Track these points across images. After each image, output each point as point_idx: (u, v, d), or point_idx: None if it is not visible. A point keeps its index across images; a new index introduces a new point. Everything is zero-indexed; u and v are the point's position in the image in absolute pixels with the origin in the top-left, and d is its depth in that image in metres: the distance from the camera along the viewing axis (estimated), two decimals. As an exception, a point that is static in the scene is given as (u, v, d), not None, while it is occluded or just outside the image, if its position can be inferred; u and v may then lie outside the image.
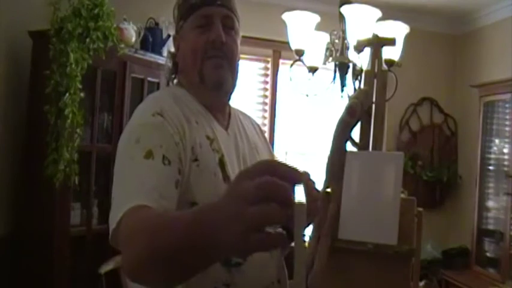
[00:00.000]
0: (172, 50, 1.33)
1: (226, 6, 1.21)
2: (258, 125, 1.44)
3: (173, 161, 1.05)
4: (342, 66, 2.79)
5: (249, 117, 1.42)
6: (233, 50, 1.21)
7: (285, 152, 4.30)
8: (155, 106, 1.13)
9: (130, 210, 0.93)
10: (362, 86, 2.52)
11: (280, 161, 1.12)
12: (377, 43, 1.33)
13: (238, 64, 1.26)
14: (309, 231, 1.44)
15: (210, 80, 1.19)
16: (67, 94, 2.60)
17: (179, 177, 1.06)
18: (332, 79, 2.87)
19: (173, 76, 1.32)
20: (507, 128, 3.92)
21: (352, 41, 2.58)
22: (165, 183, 1.01)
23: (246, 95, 4.19)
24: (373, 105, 1.32)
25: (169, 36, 3.70)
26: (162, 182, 1.01)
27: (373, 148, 1.38)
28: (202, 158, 1.12)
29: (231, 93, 1.29)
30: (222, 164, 1.15)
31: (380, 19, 2.52)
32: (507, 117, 3.92)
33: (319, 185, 1.44)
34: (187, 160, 1.09)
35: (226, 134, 1.24)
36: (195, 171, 1.10)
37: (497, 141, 4.03)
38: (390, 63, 2.42)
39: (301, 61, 2.81)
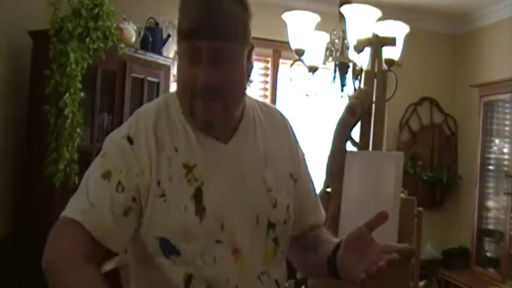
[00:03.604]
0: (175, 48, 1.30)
1: (218, 37, 1.02)
2: (285, 123, 1.27)
3: (128, 188, 1.03)
4: (342, 66, 2.79)
5: (273, 114, 1.26)
6: (227, 86, 1.05)
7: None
8: (132, 126, 1.09)
9: (67, 219, 1.06)
10: (362, 85, 2.53)
11: None
12: (377, 43, 1.33)
13: (242, 90, 1.11)
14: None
15: (200, 120, 1.07)
16: (67, 94, 2.60)
17: (132, 204, 1.03)
18: (332, 79, 2.88)
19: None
20: (507, 128, 3.92)
21: (352, 40, 2.59)
22: (110, 211, 1.02)
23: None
24: (373, 105, 1.32)
25: (169, 36, 3.71)
26: (107, 208, 1.02)
27: (373, 148, 1.38)
28: (171, 193, 1.04)
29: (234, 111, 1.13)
30: (198, 194, 1.06)
31: (380, 19, 2.52)
32: (507, 117, 3.93)
33: (320, 185, 1.43)
34: (150, 195, 1.04)
35: (221, 149, 1.11)
36: (161, 207, 1.04)
37: (497, 141, 4.04)
38: (390, 63, 2.42)
39: (301, 61, 2.81)
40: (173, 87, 3.61)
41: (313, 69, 2.88)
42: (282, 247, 1.16)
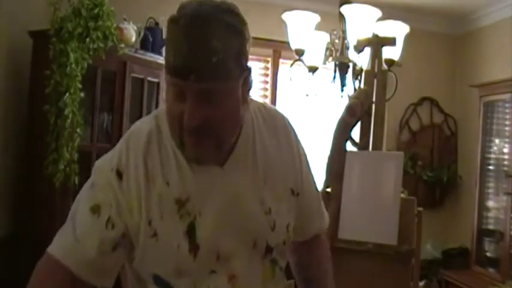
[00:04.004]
0: None
1: (206, 79, 0.91)
2: (286, 130, 1.18)
3: (118, 225, 0.98)
4: (342, 66, 2.79)
5: (275, 121, 1.16)
6: (220, 124, 0.96)
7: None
8: (122, 156, 1.02)
9: (51, 256, 1.03)
10: (362, 85, 2.53)
11: None
12: (377, 43, 1.33)
13: (238, 121, 1.02)
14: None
15: (190, 154, 1.00)
16: (67, 94, 2.60)
17: (122, 240, 0.99)
18: (332, 79, 2.88)
19: None
20: (507, 128, 3.91)
21: (352, 40, 2.59)
22: (98, 248, 0.97)
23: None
24: (373, 105, 1.32)
25: (169, 36, 3.70)
26: (94, 245, 0.97)
27: (373, 148, 1.38)
28: (162, 232, 0.99)
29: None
30: (191, 229, 1.00)
31: (380, 19, 2.52)
32: (507, 117, 3.92)
33: (320, 185, 1.42)
34: (140, 234, 0.99)
35: (217, 173, 1.04)
36: (153, 246, 0.99)
37: (497, 141, 4.04)
38: (390, 63, 2.42)
39: (301, 61, 2.81)
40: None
41: (313, 69, 2.88)
42: (281, 263, 1.13)
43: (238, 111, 0.99)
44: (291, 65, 2.88)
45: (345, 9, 2.57)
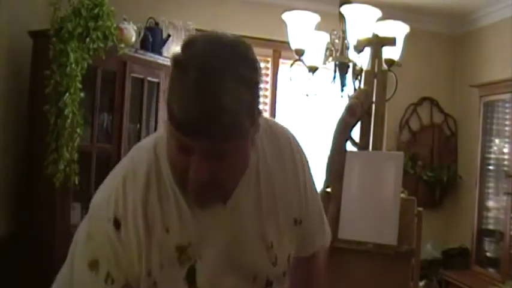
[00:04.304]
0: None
1: (218, 139, 0.84)
2: (292, 153, 1.11)
3: (118, 280, 0.94)
4: (342, 66, 2.79)
5: (281, 145, 1.09)
6: (228, 177, 0.91)
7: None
8: (119, 201, 0.95)
9: None
10: (362, 85, 2.53)
11: None
12: (377, 43, 1.33)
13: (246, 166, 0.95)
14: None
15: (193, 201, 0.94)
16: (67, 94, 2.60)
17: None
18: (332, 79, 2.88)
19: None
20: (507, 128, 3.91)
21: (352, 40, 2.59)
22: None
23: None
24: (373, 105, 1.32)
25: (169, 36, 3.70)
26: None
27: (373, 148, 1.38)
28: (162, 281, 0.95)
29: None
30: (191, 274, 0.96)
31: (380, 19, 2.52)
32: (507, 117, 3.92)
33: (319, 185, 1.42)
34: (140, 285, 0.95)
35: (219, 212, 0.98)
36: None
37: (497, 141, 4.03)
38: (390, 63, 2.42)
39: (301, 61, 2.81)
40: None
41: (313, 69, 2.88)
42: None
43: (247, 159, 0.93)
44: (291, 65, 2.88)
45: (345, 9, 2.57)
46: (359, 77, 2.69)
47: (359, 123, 2.20)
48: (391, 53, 2.41)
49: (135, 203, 0.95)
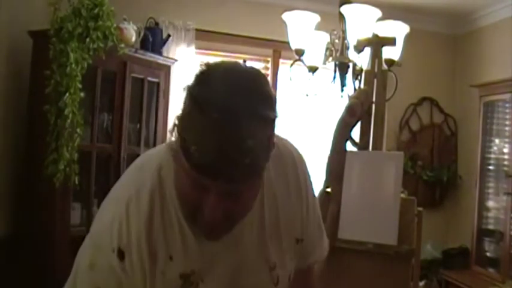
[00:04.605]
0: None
1: (236, 181, 0.83)
2: (295, 171, 1.09)
3: None
4: (342, 66, 2.79)
5: (284, 162, 1.07)
6: (241, 214, 0.92)
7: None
8: (123, 232, 0.93)
9: None
10: (362, 85, 2.53)
11: None
12: (377, 43, 1.33)
13: (255, 201, 0.95)
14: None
15: (202, 232, 0.93)
16: (67, 94, 2.60)
17: None
18: (332, 79, 2.88)
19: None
20: (507, 128, 3.91)
21: (352, 40, 2.59)
22: None
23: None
24: (373, 105, 1.32)
25: (169, 36, 3.71)
26: None
27: (373, 148, 1.38)
28: None
29: None
30: None
31: (380, 19, 2.52)
32: (507, 117, 3.92)
33: (319, 185, 1.42)
34: None
35: (224, 240, 0.97)
36: None
37: (497, 141, 4.03)
38: (390, 63, 2.42)
39: (301, 61, 2.81)
40: (174, 89, 3.61)
41: (313, 69, 2.88)
42: None
43: (258, 192, 0.93)
44: (291, 65, 2.88)
45: (345, 9, 2.57)
46: (359, 77, 2.69)
47: (359, 123, 2.20)
48: (391, 53, 2.41)
49: (139, 231, 0.93)
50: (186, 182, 0.86)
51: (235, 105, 0.79)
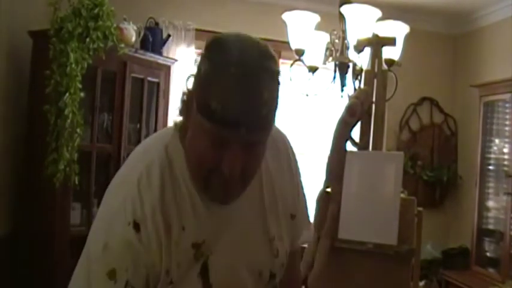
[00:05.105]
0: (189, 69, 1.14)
1: (256, 130, 0.90)
2: (286, 151, 1.20)
3: (137, 285, 0.94)
4: (342, 66, 2.79)
5: (277, 144, 1.15)
6: (253, 168, 0.98)
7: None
8: (136, 207, 0.95)
9: None
10: (362, 85, 2.52)
11: None
12: (377, 43, 1.33)
13: (261, 162, 1.02)
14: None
15: (215, 198, 0.98)
16: (67, 94, 2.60)
17: None
18: (332, 79, 2.88)
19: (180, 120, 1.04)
20: (507, 128, 3.91)
21: (352, 40, 2.59)
22: None
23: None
24: (373, 105, 1.32)
25: (169, 36, 3.71)
26: None
27: (373, 148, 1.38)
28: (178, 279, 0.97)
29: None
30: (204, 270, 1.00)
31: (380, 19, 2.52)
32: (507, 117, 3.92)
33: (319, 185, 1.43)
34: (159, 282, 0.97)
35: (227, 210, 1.03)
36: None
37: (497, 141, 4.03)
38: (390, 63, 2.42)
39: (301, 61, 2.81)
40: (174, 89, 3.61)
41: (313, 69, 2.88)
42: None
43: (265, 151, 1.00)
44: (291, 65, 2.88)
45: (345, 9, 2.57)
46: (359, 77, 2.69)
47: (359, 123, 2.20)
48: (391, 53, 2.41)
49: (153, 204, 0.96)
50: (205, 143, 0.92)
51: (251, 61, 0.89)
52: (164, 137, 1.06)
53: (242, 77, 0.87)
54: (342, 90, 2.80)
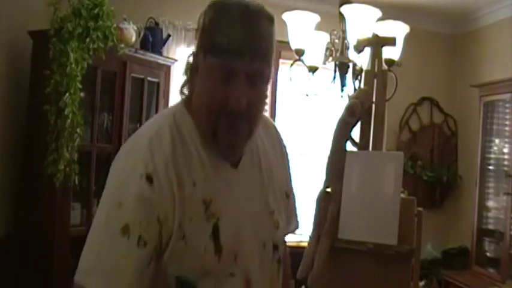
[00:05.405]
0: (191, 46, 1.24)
1: (259, 59, 1.01)
2: (278, 135, 1.29)
3: (150, 240, 0.97)
4: (342, 66, 2.79)
5: (269, 128, 1.27)
6: (257, 107, 1.06)
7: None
8: (148, 161, 1.00)
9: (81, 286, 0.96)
10: (362, 85, 2.52)
11: None
12: (377, 43, 1.33)
13: (264, 108, 1.12)
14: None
15: (223, 141, 1.03)
16: (67, 94, 2.60)
17: (154, 254, 0.98)
18: (332, 79, 2.88)
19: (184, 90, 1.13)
20: (507, 128, 3.91)
21: (352, 40, 2.59)
22: (134, 269, 0.96)
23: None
24: (373, 105, 1.32)
25: (169, 36, 3.71)
26: (131, 268, 0.96)
27: (373, 148, 1.39)
28: (191, 234, 1.01)
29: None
30: (215, 232, 1.03)
31: (380, 19, 2.52)
32: (507, 117, 3.92)
33: (319, 185, 1.44)
34: (171, 237, 0.99)
35: (233, 174, 1.10)
36: (181, 248, 1.00)
37: (497, 141, 4.03)
38: (390, 63, 2.42)
39: (301, 61, 2.81)
40: (174, 89, 3.61)
41: (313, 69, 2.87)
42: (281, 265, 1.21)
43: (265, 99, 1.10)
44: (291, 65, 2.88)
45: (345, 9, 2.57)
46: (359, 77, 2.69)
47: (359, 123, 2.20)
48: (391, 53, 2.41)
49: (166, 159, 1.01)
50: (213, 82, 1.01)
51: (251, 6, 1.02)
52: (171, 108, 1.15)
53: (243, 14, 1.00)
54: (342, 90, 2.80)
